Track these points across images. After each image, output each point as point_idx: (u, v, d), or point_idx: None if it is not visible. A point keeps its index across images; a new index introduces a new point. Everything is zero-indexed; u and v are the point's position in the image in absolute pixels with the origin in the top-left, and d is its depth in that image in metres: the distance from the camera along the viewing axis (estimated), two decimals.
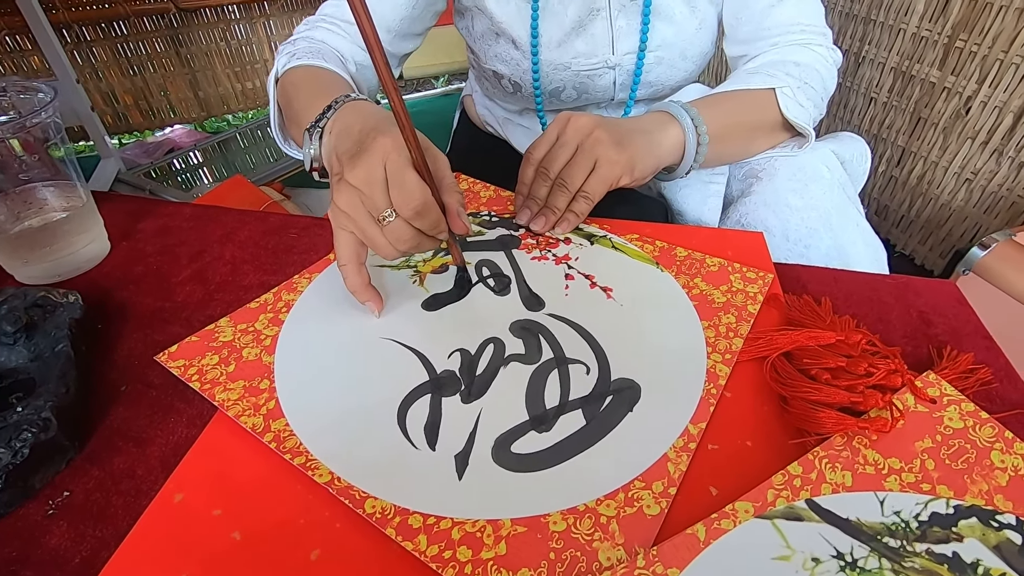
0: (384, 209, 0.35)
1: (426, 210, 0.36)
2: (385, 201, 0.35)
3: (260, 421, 0.33)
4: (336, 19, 0.61)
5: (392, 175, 0.35)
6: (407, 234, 0.36)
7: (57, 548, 0.29)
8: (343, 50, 0.60)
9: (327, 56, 0.56)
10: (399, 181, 0.35)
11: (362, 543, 0.28)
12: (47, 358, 0.37)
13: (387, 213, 0.36)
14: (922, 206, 1.24)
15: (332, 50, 0.59)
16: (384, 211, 0.36)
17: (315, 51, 0.56)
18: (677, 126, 0.52)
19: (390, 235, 0.36)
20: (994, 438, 0.30)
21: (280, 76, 0.55)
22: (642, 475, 0.30)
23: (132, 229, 0.53)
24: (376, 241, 0.37)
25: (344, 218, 0.37)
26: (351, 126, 0.39)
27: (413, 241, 0.37)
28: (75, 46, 1.71)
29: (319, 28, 0.60)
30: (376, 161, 0.35)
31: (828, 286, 0.45)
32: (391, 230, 0.36)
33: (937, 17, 1.12)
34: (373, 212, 0.36)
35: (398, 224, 0.36)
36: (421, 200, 0.35)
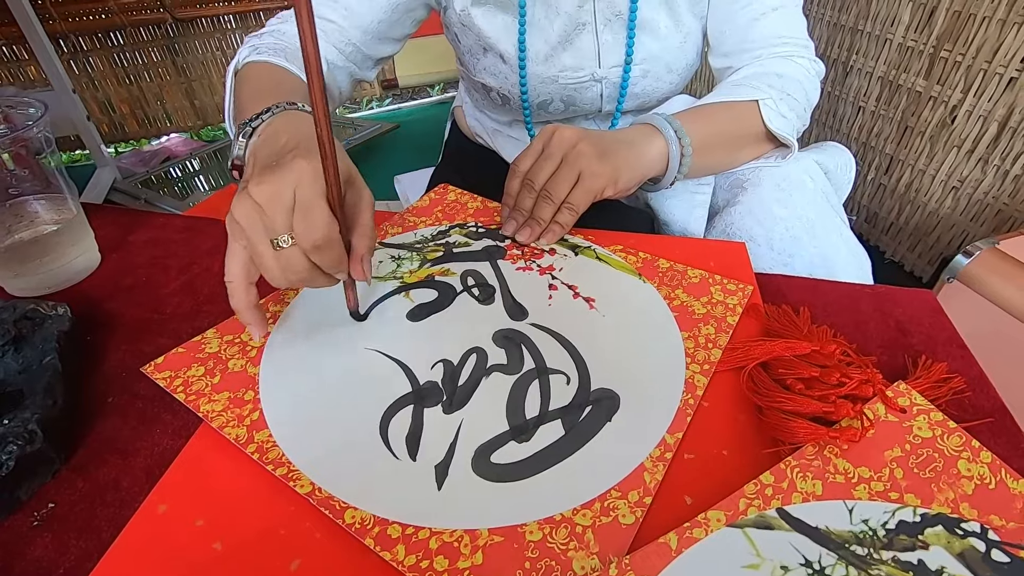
0: (282, 233, 0.34)
1: (327, 246, 0.34)
2: (285, 225, 0.34)
3: (244, 432, 0.33)
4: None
5: (300, 202, 0.33)
6: (300, 265, 0.35)
7: (41, 559, 0.29)
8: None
9: (289, 55, 0.55)
10: (306, 209, 0.33)
11: (342, 553, 0.28)
12: (35, 370, 0.37)
13: (283, 238, 0.34)
14: (910, 213, 1.26)
15: (298, 48, 0.58)
16: (281, 235, 0.34)
17: (279, 48, 0.55)
18: (661, 138, 0.53)
19: (282, 261, 0.34)
20: (961, 447, 0.30)
21: (239, 68, 0.54)
22: (618, 485, 0.31)
23: (123, 241, 0.54)
24: (265, 264, 0.35)
25: (238, 231, 0.35)
26: (278, 135, 0.38)
27: (306, 274, 0.35)
28: (72, 56, 1.72)
29: (290, 22, 0.59)
30: (287, 182, 0.34)
31: (808, 296, 0.46)
32: (284, 256, 0.34)
33: (922, 28, 1.14)
34: (270, 233, 0.34)
35: (293, 252, 0.34)
36: (324, 235, 0.34)
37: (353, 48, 0.61)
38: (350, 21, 0.60)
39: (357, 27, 0.61)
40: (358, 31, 0.61)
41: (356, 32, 0.61)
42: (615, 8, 0.62)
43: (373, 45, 0.63)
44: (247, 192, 0.34)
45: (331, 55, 0.60)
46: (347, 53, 0.61)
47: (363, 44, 0.62)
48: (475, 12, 0.63)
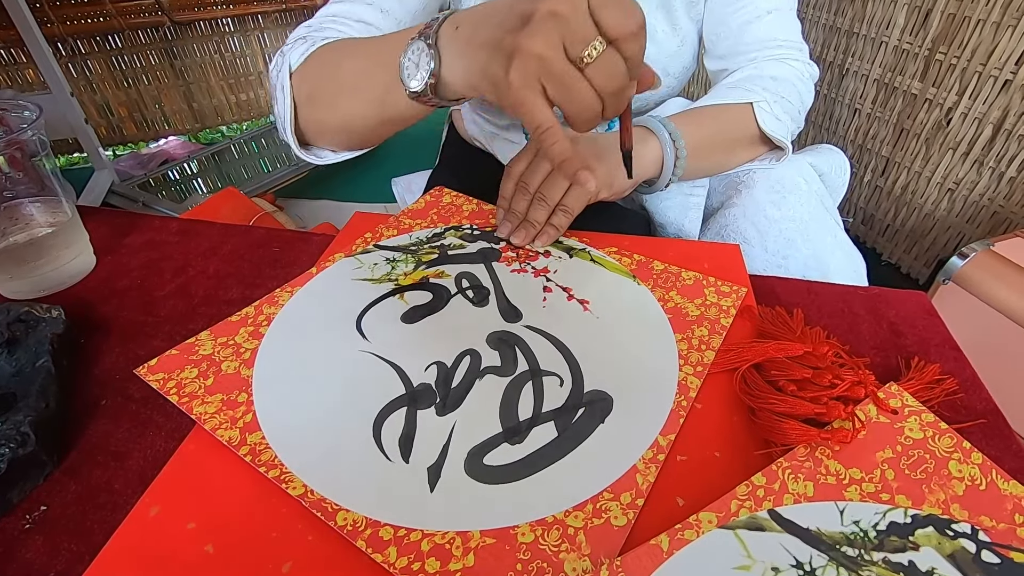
0: (591, 41, 0.31)
1: (643, 28, 0.31)
2: (593, 29, 0.31)
3: (236, 434, 0.33)
4: (347, 19, 0.54)
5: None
6: (619, 66, 0.31)
7: (32, 562, 0.29)
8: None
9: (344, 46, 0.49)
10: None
11: (333, 556, 0.28)
12: (28, 373, 0.37)
13: (594, 46, 0.31)
14: (906, 215, 1.26)
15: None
16: (591, 44, 0.31)
17: (337, 37, 0.50)
18: (655, 141, 0.53)
19: (597, 74, 0.31)
20: (952, 448, 0.30)
21: (297, 68, 0.48)
22: (611, 486, 0.31)
23: (118, 244, 0.54)
24: (578, 87, 0.31)
25: (535, 65, 0.31)
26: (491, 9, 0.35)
27: (623, 79, 0.32)
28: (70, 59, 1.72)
29: (327, 29, 0.53)
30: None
31: (802, 297, 0.46)
32: (599, 67, 0.31)
33: (917, 30, 1.14)
34: (575, 47, 0.31)
35: (608, 56, 0.31)
36: (642, 14, 0.31)
37: None
38: (387, 23, 0.56)
39: (394, 27, 0.57)
40: (396, 26, 0.58)
41: (393, 27, 0.58)
42: None
43: None
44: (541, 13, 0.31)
45: None
46: None
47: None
48: None
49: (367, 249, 0.49)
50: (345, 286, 0.45)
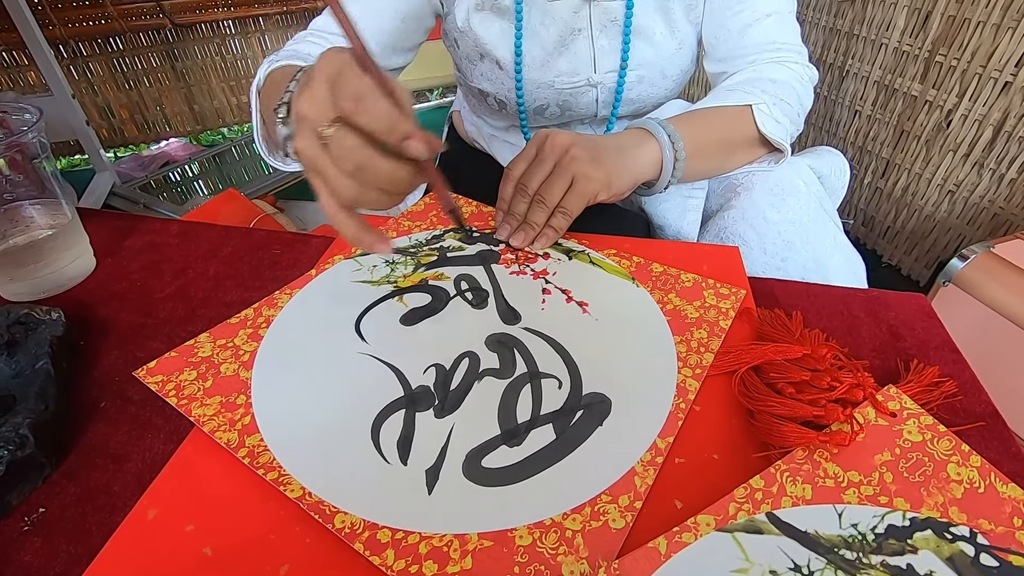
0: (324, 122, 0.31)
1: (367, 98, 0.31)
2: (328, 113, 0.31)
3: (235, 436, 0.33)
4: (323, 32, 0.61)
5: (330, 79, 0.32)
6: (347, 143, 0.31)
7: (31, 564, 0.29)
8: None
9: (306, 61, 0.55)
10: (334, 78, 0.31)
11: (331, 558, 0.28)
12: (27, 375, 0.37)
13: (324, 127, 0.31)
14: (907, 217, 1.26)
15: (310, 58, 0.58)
16: (323, 129, 0.31)
17: (293, 57, 0.56)
18: (654, 143, 0.53)
19: (333, 153, 0.32)
20: (951, 451, 0.30)
21: (260, 87, 0.54)
22: (609, 489, 0.31)
23: (118, 246, 0.54)
24: (327, 174, 0.32)
25: (303, 158, 0.33)
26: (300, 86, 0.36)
27: (357, 154, 0.31)
28: (71, 61, 1.73)
29: (306, 42, 0.61)
30: (317, 80, 0.32)
31: (801, 299, 0.46)
32: (333, 143, 0.31)
33: (917, 32, 1.14)
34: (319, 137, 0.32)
35: (338, 135, 0.31)
36: (357, 85, 0.31)
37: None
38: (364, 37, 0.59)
39: (371, 41, 0.60)
40: (370, 44, 0.60)
41: (368, 46, 0.60)
42: (611, 14, 0.62)
43: (386, 56, 0.64)
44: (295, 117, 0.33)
45: None
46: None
47: (378, 57, 0.62)
48: (474, 19, 0.63)
49: (366, 251, 0.49)
50: (344, 288, 0.45)
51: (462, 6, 0.63)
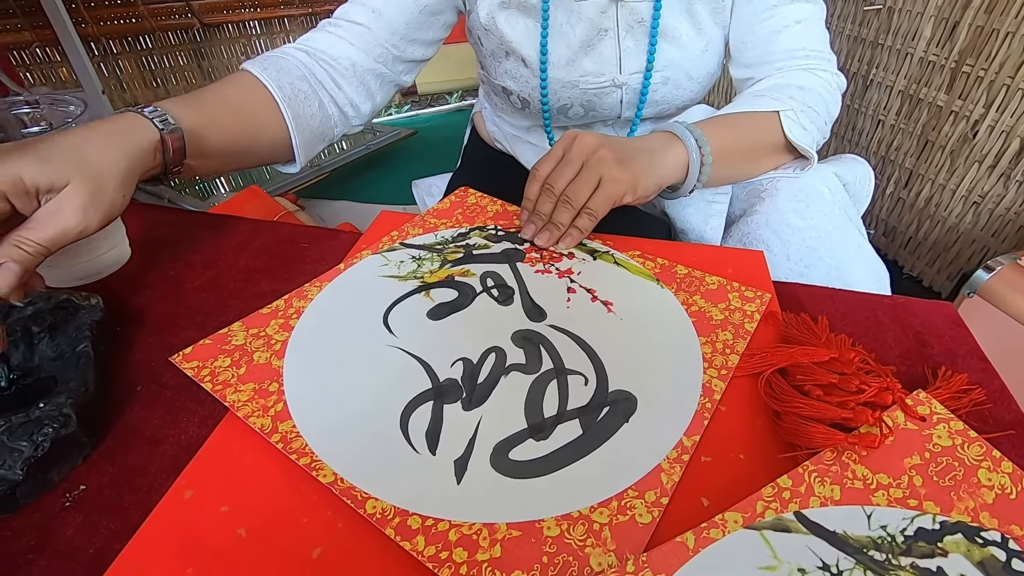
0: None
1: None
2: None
3: (268, 422, 0.34)
4: (341, 19, 0.62)
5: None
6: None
7: (72, 539, 0.30)
8: (337, 55, 0.60)
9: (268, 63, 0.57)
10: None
11: (362, 542, 0.29)
12: (68, 358, 0.38)
13: None
14: (930, 228, 1.24)
15: (298, 65, 0.59)
16: None
17: (268, 57, 0.58)
18: (681, 146, 0.53)
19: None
20: (982, 456, 0.30)
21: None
22: (635, 484, 0.31)
23: (152, 237, 0.55)
24: None
25: None
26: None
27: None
28: (102, 59, 1.77)
29: (321, 32, 0.62)
30: None
31: (826, 305, 0.46)
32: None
33: (944, 42, 1.13)
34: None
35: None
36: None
37: (383, 50, 0.63)
38: (379, 23, 0.61)
39: (386, 29, 0.62)
40: (387, 32, 0.62)
41: (385, 34, 0.62)
42: (638, 15, 0.62)
43: (403, 47, 0.64)
44: None
45: (358, 58, 0.62)
46: (376, 55, 0.63)
47: (393, 46, 0.63)
48: (499, 16, 0.64)
49: (393, 247, 0.50)
50: (372, 282, 0.46)
51: (484, 3, 0.64)
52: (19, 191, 0.36)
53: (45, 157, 0.37)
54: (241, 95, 0.54)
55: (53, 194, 0.37)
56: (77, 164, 0.38)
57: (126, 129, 0.42)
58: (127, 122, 0.43)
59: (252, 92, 0.55)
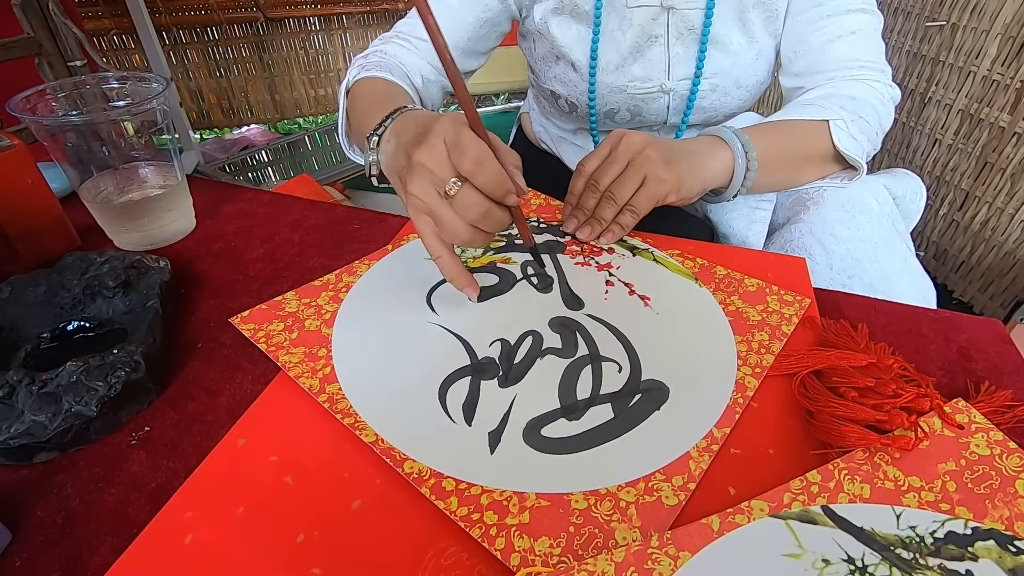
0: (448, 180, 0.37)
1: (484, 162, 0.36)
2: (450, 171, 0.37)
3: (316, 383, 0.36)
4: (408, 36, 0.65)
5: (450, 141, 0.37)
6: (473, 198, 0.37)
7: (137, 473, 0.33)
8: (410, 65, 0.64)
9: (393, 70, 0.60)
10: (456, 141, 0.36)
11: (399, 498, 0.31)
12: (139, 312, 0.42)
13: (450, 185, 0.37)
14: (984, 253, 1.20)
15: (399, 64, 0.63)
16: (448, 183, 0.37)
17: (383, 65, 0.60)
18: (727, 150, 0.53)
19: (458, 206, 0.37)
20: (1021, 467, 0.30)
21: (350, 87, 0.59)
22: (663, 468, 0.32)
23: (215, 210, 0.59)
24: (445, 219, 0.37)
25: (418, 202, 0.38)
26: (408, 127, 0.42)
27: (481, 207, 0.37)
28: (171, 47, 1.87)
29: (391, 43, 0.65)
30: (436, 138, 0.37)
31: (867, 315, 0.45)
32: (457, 200, 0.37)
33: (1010, 61, 1.09)
34: (440, 187, 0.37)
35: (464, 191, 0.37)
36: (477, 150, 0.36)
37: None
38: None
39: (449, 43, 0.64)
40: (451, 50, 0.65)
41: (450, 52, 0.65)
42: (688, 22, 0.63)
43: (463, 60, 0.67)
44: (410, 164, 0.38)
45: (426, 71, 0.64)
46: (440, 68, 0.65)
47: (455, 59, 0.66)
48: (552, 21, 0.65)
49: None
50: (418, 263, 0.48)
51: (539, 7, 0.65)
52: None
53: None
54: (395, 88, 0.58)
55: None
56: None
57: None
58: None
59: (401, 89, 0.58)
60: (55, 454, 0.34)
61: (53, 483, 0.32)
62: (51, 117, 0.49)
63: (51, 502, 0.31)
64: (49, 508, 0.31)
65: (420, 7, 0.35)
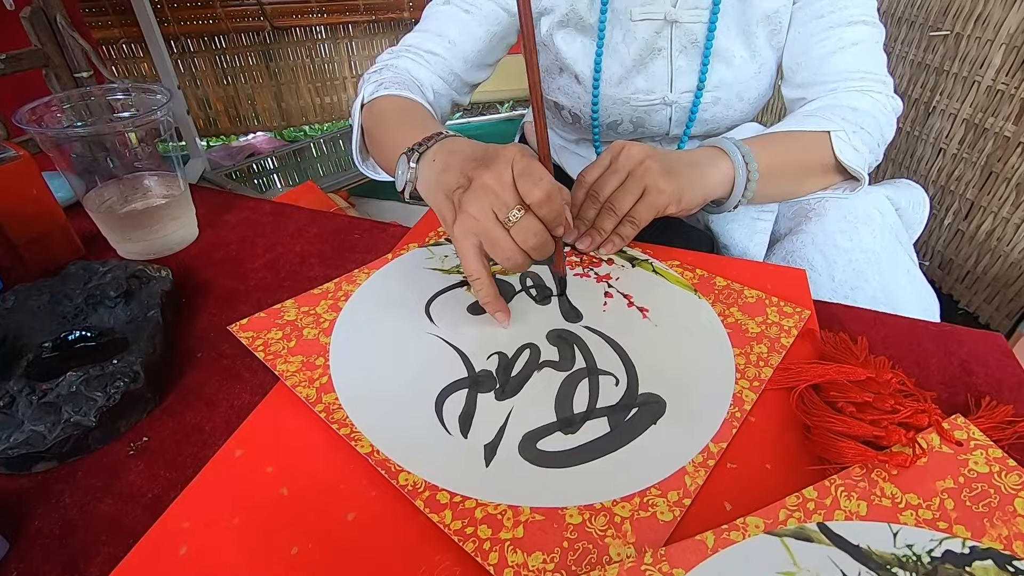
0: (512, 208, 0.38)
1: (554, 196, 0.38)
2: (515, 198, 0.38)
3: (313, 392, 0.37)
4: (419, 49, 0.65)
5: (520, 170, 0.38)
6: (535, 227, 0.38)
7: (134, 483, 0.33)
8: (423, 79, 0.64)
9: (410, 86, 0.60)
10: (528, 171, 0.37)
11: (394, 511, 0.31)
12: (140, 322, 0.42)
13: (513, 213, 0.38)
14: (990, 263, 1.19)
15: (414, 80, 0.63)
16: (512, 210, 0.38)
17: (400, 81, 0.60)
18: (728, 161, 0.53)
19: (518, 234, 0.38)
20: (1020, 486, 0.30)
21: (367, 102, 0.59)
22: (659, 484, 0.32)
23: (218, 219, 0.59)
24: (501, 244, 0.38)
25: (472, 224, 0.38)
26: (462, 150, 0.43)
27: (541, 236, 0.38)
28: (179, 56, 1.89)
29: (403, 58, 0.65)
30: (504, 163, 0.38)
31: (868, 327, 0.45)
32: (519, 228, 0.38)
33: (1015, 71, 1.09)
34: (501, 212, 0.38)
35: (527, 219, 0.38)
36: (550, 183, 0.37)
37: (455, 77, 0.66)
38: (452, 53, 0.65)
39: (459, 58, 0.65)
40: (460, 61, 0.65)
41: (458, 63, 0.65)
42: (692, 36, 0.63)
43: (472, 72, 0.68)
44: (474, 186, 0.38)
45: (436, 84, 0.65)
46: (449, 81, 0.66)
47: (463, 72, 0.66)
48: (557, 34, 0.66)
49: (439, 242, 0.52)
50: (417, 273, 0.48)
51: (545, 20, 0.66)
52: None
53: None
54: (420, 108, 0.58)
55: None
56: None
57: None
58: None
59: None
60: (54, 464, 0.34)
61: (52, 493, 0.33)
62: (55, 129, 0.49)
63: (49, 512, 0.32)
64: (47, 518, 0.31)
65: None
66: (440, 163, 0.43)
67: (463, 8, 0.65)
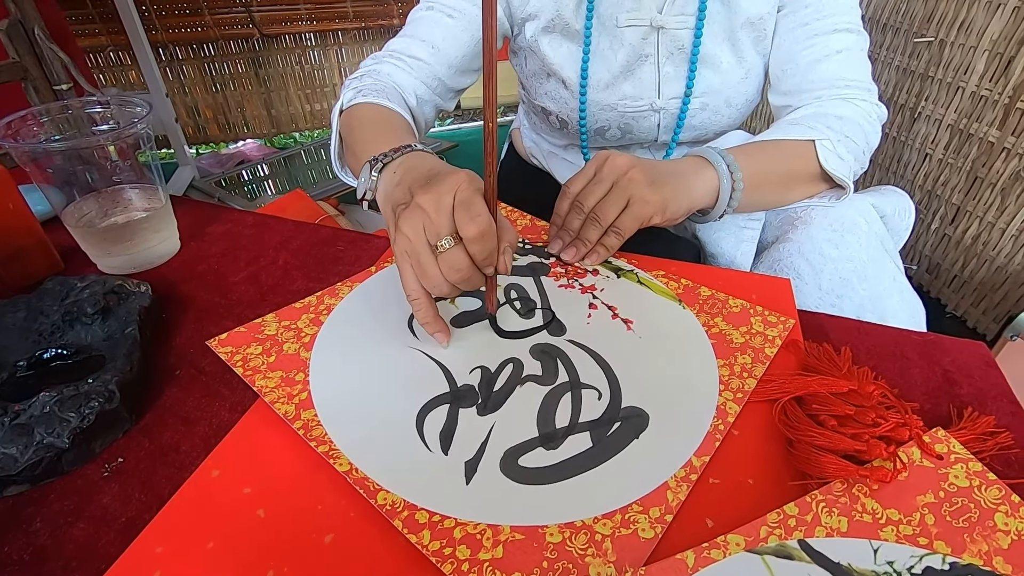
0: (444, 236, 0.37)
1: (487, 235, 0.37)
2: (448, 227, 0.37)
3: (292, 409, 0.36)
4: (402, 54, 0.65)
5: (460, 200, 0.37)
6: (461, 262, 0.37)
7: (108, 506, 0.32)
8: (405, 85, 0.64)
9: (390, 93, 0.60)
10: (467, 203, 0.37)
11: (372, 532, 0.30)
12: (117, 339, 0.41)
13: (445, 241, 0.37)
14: (976, 267, 1.20)
15: (394, 86, 0.63)
16: (443, 239, 0.37)
17: (380, 88, 0.60)
18: (712, 171, 0.53)
19: (444, 264, 0.37)
20: (1000, 500, 0.29)
21: (345, 109, 0.59)
22: (641, 500, 0.31)
23: (200, 232, 0.59)
24: (428, 271, 0.38)
25: (405, 242, 0.38)
26: (419, 166, 0.42)
27: (466, 272, 0.38)
28: (167, 63, 1.88)
29: (385, 63, 0.64)
30: (447, 188, 0.37)
31: (851, 337, 0.45)
32: (446, 257, 0.37)
33: (998, 77, 1.10)
34: (432, 239, 0.37)
35: (454, 251, 0.37)
36: (486, 222, 0.36)
37: (438, 82, 0.66)
38: (437, 58, 0.64)
39: (443, 63, 0.65)
40: (444, 67, 0.65)
41: (442, 68, 0.65)
42: (678, 42, 0.63)
43: (456, 78, 0.67)
44: (412, 204, 0.38)
45: (419, 90, 0.65)
46: (433, 87, 0.66)
47: (447, 78, 0.66)
48: (542, 40, 0.66)
49: None
50: (400, 287, 0.48)
51: (530, 25, 0.66)
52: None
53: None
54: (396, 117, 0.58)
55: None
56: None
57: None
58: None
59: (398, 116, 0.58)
60: (26, 487, 0.33)
61: (22, 517, 0.32)
62: (31, 143, 0.49)
63: (19, 537, 0.31)
64: (16, 544, 0.31)
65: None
66: (397, 177, 0.43)
67: (447, 13, 0.64)
